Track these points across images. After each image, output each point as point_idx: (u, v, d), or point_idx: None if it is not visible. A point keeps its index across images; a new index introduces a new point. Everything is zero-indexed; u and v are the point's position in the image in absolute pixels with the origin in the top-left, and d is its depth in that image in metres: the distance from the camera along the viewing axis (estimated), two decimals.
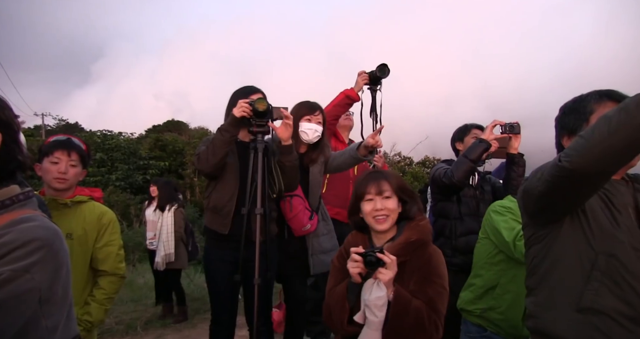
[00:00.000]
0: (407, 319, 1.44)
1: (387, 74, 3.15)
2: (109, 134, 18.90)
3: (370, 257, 1.47)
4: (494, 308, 2.06)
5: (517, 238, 1.97)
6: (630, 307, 1.19)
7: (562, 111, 1.46)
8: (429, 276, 1.52)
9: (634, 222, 1.27)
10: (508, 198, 2.23)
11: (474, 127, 2.83)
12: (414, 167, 10.02)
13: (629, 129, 1.00)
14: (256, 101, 2.16)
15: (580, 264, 1.26)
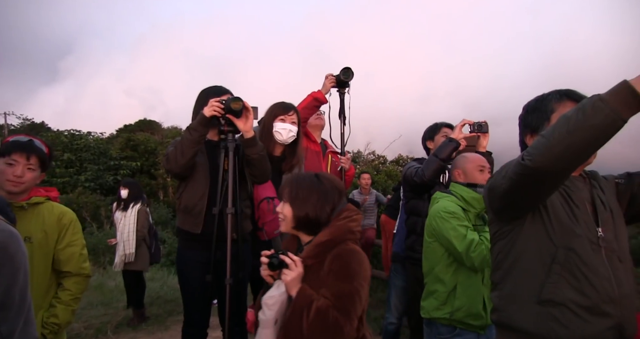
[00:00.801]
0: (307, 319, 1.42)
1: (351, 77, 3.21)
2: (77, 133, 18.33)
3: (272, 259, 1.52)
4: (459, 308, 2.11)
5: (470, 249, 2.02)
6: (586, 297, 1.24)
7: (525, 110, 1.51)
8: (339, 275, 1.50)
9: (590, 216, 1.33)
10: (440, 195, 2.29)
11: (444, 125, 2.90)
12: (388, 165, 10.13)
13: (586, 129, 1.04)
14: (232, 100, 2.13)
15: (541, 259, 1.30)
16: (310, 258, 1.53)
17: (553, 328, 1.25)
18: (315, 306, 1.43)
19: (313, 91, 3.16)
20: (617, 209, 1.39)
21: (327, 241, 1.54)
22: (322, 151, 3.38)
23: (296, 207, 1.58)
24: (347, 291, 1.48)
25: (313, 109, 3.13)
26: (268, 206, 2.49)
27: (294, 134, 2.54)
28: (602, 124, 1.03)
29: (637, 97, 1.00)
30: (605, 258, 1.29)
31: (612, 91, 1.03)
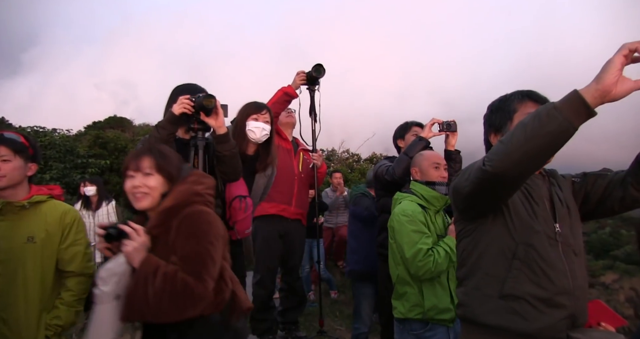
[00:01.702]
0: (152, 287, 1.36)
1: (322, 74, 3.24)
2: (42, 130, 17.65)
3: (110, 230, 1.44)
4: (431, 308, 2.15)
5: (418, 258, 2.06)
6: (544, 290, 1.29)
7: (489, 110, 1.55)
8: (186, 237, 1.45)
9: (548, 213, 1.38)
10: (401, 196, 2.33)
11: (414, 124, 2.95)
12: (362, 163, 10.22)
13: (541, 136, 1.09)
14: (204, 97, 2.10)
15: (503, 255, 1.35)
16: (155, 227, 1.48)
17: (514, 320, 1.30)
18: (161, 272, 1.38)
19: (283, 86, 3.17)
20: (574, 206, 1.45)
21: (172, 207, 1.50)
22: (294, 149, 3.40)
23: (165, 176, 1.54)
24: (196, 252, 1.44)
25: (284, 104, 3.14)
26: (240, 204, 2.47)
27: (267, 132, 2.53)
28: (556, 131, 1.07)
29: (587, 107, 1.05)
30: (562, 252, 1.34)
31: (564, 100, 1.08)
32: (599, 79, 1.04)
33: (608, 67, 1.04)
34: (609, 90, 1.03)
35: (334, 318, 4.57)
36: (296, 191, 3.25)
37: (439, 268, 2.07)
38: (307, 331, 3.71)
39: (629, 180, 1.36)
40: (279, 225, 3.18)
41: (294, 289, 3.38)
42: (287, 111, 3.35)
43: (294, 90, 3.17)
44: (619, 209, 1.42)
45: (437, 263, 2.06)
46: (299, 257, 3.40)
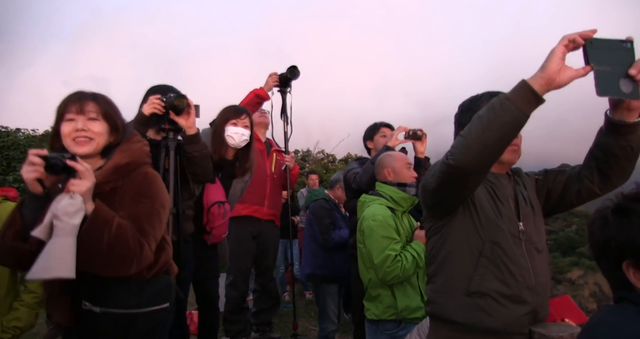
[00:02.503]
0: (108, 233, 1.32)
1: (297, 76, 3.26)
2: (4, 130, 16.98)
3: (54, 160, 1.26)
4: (403, 308, 2.18)
5: (386, 264, 2.09)
6: (508, 287, 1.34)
7: (460, 109, 1.59)
8: (137, 197, 1.43)
9: (513, 211, 1.43)
10: (370, 198, 2.36)
11: (382, 125, 2.98)
12: (337, 164, 10.26)
13: (497, 126, 1.14)
14: (176, 97, 2.07)
15: (470, 252, 1.38)
16: (107, 183, 1.42)
17: (480, 317, 1.34)
18: (116, 222, 1.34)
19: (255, 87, 3.17)
20: (537, 204, 1.50)
21: (128, 164, 1.46)
22: (267, 150, 3.39)
23: (110, 125, 1.47)
24: (148, 213, 1.42)
25: (255, 106, 3.14)
26: (219, 210, 2.46)
27: (246, 137, 2.52)
28: (510, 121, 1.13)
29: (535, 95, 1.11)
30: (525, 250, 1.39)
31: (514, 90, 1.13)
32: (544, 68, 1.10)
33: (551, 56, 1.10)
34: (553, 77, 1.09)
35: (309, 319, 4.58)
36: (269, 192, 3.25)
37: (406, 273, 2.10)
38: (281, 332, 3.70)
39: (584, 173, 1.41)
40: (251, 226, 3.17)
41: (267, 290, 3.37)
42: (260, 111, 3.35)
43: (266, 92, 3.18)
44: (577, 202, 1.48)
45: (404, 268, 2.09)
46: (272, 258, 3.39)
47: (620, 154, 1.29)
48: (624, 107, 1.19)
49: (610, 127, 1.25)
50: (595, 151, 1.36)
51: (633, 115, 1.20)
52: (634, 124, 1.21)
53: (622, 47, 1.12)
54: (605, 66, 1.09)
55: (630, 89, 1.10)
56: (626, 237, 0.90)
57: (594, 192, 1.41)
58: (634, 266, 0.89)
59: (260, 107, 3.24)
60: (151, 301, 1.53)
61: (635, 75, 1.08)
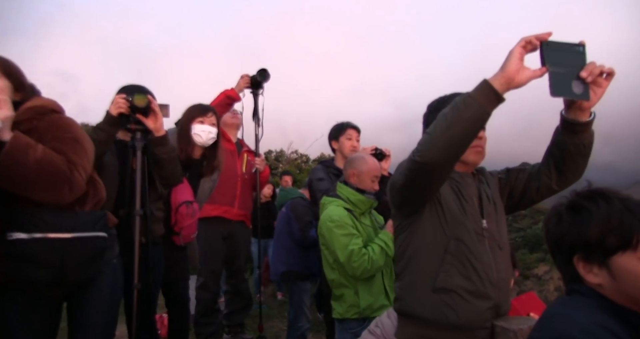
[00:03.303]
0: (31, 154, 1.35)
1: (267, 79, 3.25)
2: None
3: None
4: (366, 307, 2.20)
5: (352, 259, 2.11)
6: (472, 283, 1.38)
7: (428, 109, 1.62)
8: (57, 133, 1.48)
9: (477, 209, 1.47)
10: (327, 200, 2.37)
11: (349, 126, 2.96)
12: (311, 164, 10.28)
13: (460, 123, 1.18)
14: (135, 96, 2.04)
15: (436, 250, 1.42)
16: (24, 122, 1.46)
17: (445, 313, 1.37)
18: (41, 146, 1.38)
19: (225, 88, 3.15)
20: (500, 202, 1.55)
21: (43, 106, 1.52)
22: (238, 150, 3.37)
23: (13, 83, 1.50)
24: (71, 144, 1.48)
25: (225, 107, 3.12)
26: (187, 210, 2.42)
27: (213, 135, 2.50)
28: (472, 118, 1.17)
29: (496, 93, 1.15)
30: (488, 246, 1.43)
31: (477, 88, 1.17)
32: (503, 67, 1.15)
33: (510, 57, 1.15)
34: (512, 77, 1.14)
35: (282, 319, 4.57)
36: (239, 193, 3.22)
37: (375, 264, 2.12)
38: (253, 333, 3.68)
39: (542, 171, 1.47)
40: (222, 227, 3.14)
41: (239, 291, 3.35)
42: (232, 112, 3.33)
43: (237, 93, 3.16)
44: (537, 199, 1.53)
45: (372, 260, 2.11)
46: (243, 259, 3.37)
47: (574, 151, 1.34)
48: (576, 107, 1.25)
49: (564, 126, 1.31)
50: (552, 149, 1.41)
51: (585, 114, 1.26)
52: (586, 122, 1.27)
53: (575, 50, 1.17)
54: (560, 68, 1.14)
55: (581, 90, 1.16)
56: (577, 232, 0.94)
57: (552, 188, 1.47)
58: (583, 259, 0.94)
59: (230, 108, 3.22)
60: (86, 227, 1.54)
61: (586, 78, 1.14)
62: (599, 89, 1.18)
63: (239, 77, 3.25)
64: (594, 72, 1.14)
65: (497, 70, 1.17)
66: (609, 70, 1.16)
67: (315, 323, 4.21)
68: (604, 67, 1.15)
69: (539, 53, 1.16)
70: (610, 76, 1.18)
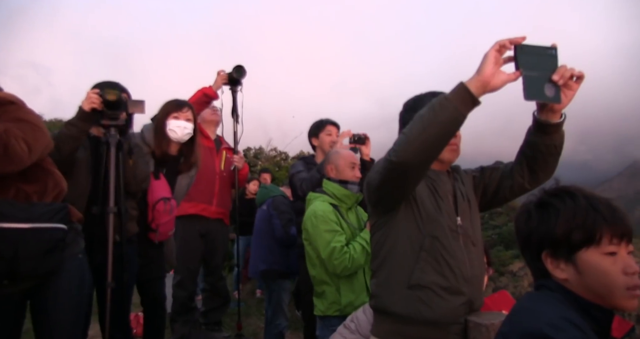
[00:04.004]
0: None
1: (243, 75, 3.23)
2: None
3: None
4: (347, 304, 2.21)
5: (333, 256, 2.13)
6: (446, 279, 1.40)
7: (404, 108, 1.64)
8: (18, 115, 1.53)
9: (451, 207, 1.50)
10: (313, 196, 2.39)
11: (328, 123, 2.98)
12: (289, 161, 10.26)
13: (436, 125, 1.19)
14: (106, 90, 2.00)
15: (411, 247, 1.44)
16: None
17: (419, 309, 1.39)
18: None
19: (204, 86, 3.11)
20: (474, 200, 1.58)
21: None
22: (217, 147, 3.34)
23: None
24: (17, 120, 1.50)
25: (203, 105, 3.09)
26: (165, 206, 2.39)
27: (189, 131, 2.47)
28: (448, 120, 1.19)
29: (472, 96, 1.17)
30: (462, 243, 1.46)
31: (453, 91, 1.19)
32: (479, 71, 1.17)
33: (485, 61, 1.17)
34: (488, 81, 1.16)
35: (260, 317, 4.56)
36: (217, 190, 3.20)
37: (355, 263, 2.13)
38: (231, 331, 3.67)
39: (515, 170, 1.50)
40: (199, 225, 3.11)
41: (217, 289, 3.32)
42: (211, 108, 3.29)
43: (214, 91, 3.12)
44: (510, 197, 1.56)
45: (353, 258, 2.12)
46: (221, 257, 3.35)
47: (545, 151, 1.38)
48: (548, 108, 1.28)
49: (537, 126, 1.34)
50: (524, 148, 1.44)
51: (556, 116, 1.30)
52: (557, 124, 1.31)
53: (548, 53, 1.20)
54: (533, 71, 1.17)
55: (553, 93, 1.18)
56: (545, 229, 0.97)
57: (524, 187, 1.50)
58: (551, 255, 0.97)
59: (207, 106, 3.19)
60: (44, 218, 1.52)
61: (558, 81, 1.17)
62: (570, 91, 1.21)
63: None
64: (565, 75, 1.16)
65: (473, 73, 1.18)
66: (578, 74, 1.19)
67: (294, 320, 4.21)
68: (574, 70, 1.18)
69: (513, 56, 1.18)
70: (580, 79, 1.21)
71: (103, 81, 2.22)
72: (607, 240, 0.92)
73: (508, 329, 0.94)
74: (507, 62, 1.18)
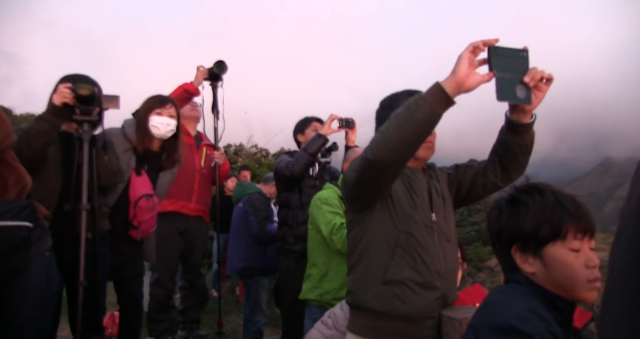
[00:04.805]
0: None
1: (224, 71, 3.20)
2: None
3: None
4: (328, 291, 2.25)
5: (332, 232, 2.17)
6: (420, 275, 1.42)
7: (380, 106, 1.65)
8: None
9: (427, 203, 1.52)
10: (326, 186, 2.44)
11: (314, 120, 3.01)
12: (270, 158, 10.21)
13: (413, 124, 1.21)
14: (78, 85, 1.95)
15: (387, 243, 1.45)
16: None
17: (394, 304, 1.41)
18: None
19: (184, 82, 3.07)
20: (448, 196, 1.61)
21: None
22: (197, 144, 3.30)
23: None
24: None
25: (184, 101, 3.05)
26: (147, 203, 2.36)
27: (172, 128, 2.43)
28: (424, 119, 1.20)
29: (447, 96, 1.19)
30: (437, 239, 1.48)
31: (429, 91, 1.21)
32: (454, 72, 1.19)
33: (459, 62, 1.19)
34: (462, 81, 1.18)
35: (240, 314, 4.54)
36: (197, 187, 3.16)
37: None
38: (210, 329, 3.64)
39: (488, 168, 1.53)
40: (178, 222, 3.07)
41: (195, 287, 3.29)
42: (192, 104, 3.25)
43: (195, 87, 3.08)
44: (483, 194, 1.60)
45: None
46: (200, 254, 3.31)
47: (517, 150, 1.41)
48: (520, 109, 1.32)
49: (509, 126, 1.37)
50: (497, 147, 1.47)
51: (527, 116, 1.33)
52: (528, 124, 1.34)
53: (520, 55, 1.23)
54: (505, 73, 1.19)
55: (524, 95, 1.22)
56: (515, 224, 1.00)
57: (497, 185, 1.53)
58: (520, 250, 1.00)
59: (188, 102, 3.15)
60: (7, 216, 1.49)
61: (529, 83, 1.20)
62: (540, 93, 1.25)
63: None
64: (535, 77, 1.20)
65: (449, 74, 1.20)
66: (548, 76, 1.23)
67: (274, 317, 4.21)
68: (544, 72, 1.22)
69: (487, 58, 1.20)
70: (550, 82, 1.24)
71: (72, 74, 2.16)
72: (572, 235, 0.96)
73: (478, 322, 0.96)
74: (482, 64, 1.20)
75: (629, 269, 0.43)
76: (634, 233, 0.43)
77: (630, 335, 0.41)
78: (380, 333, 1.43)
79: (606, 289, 0.46)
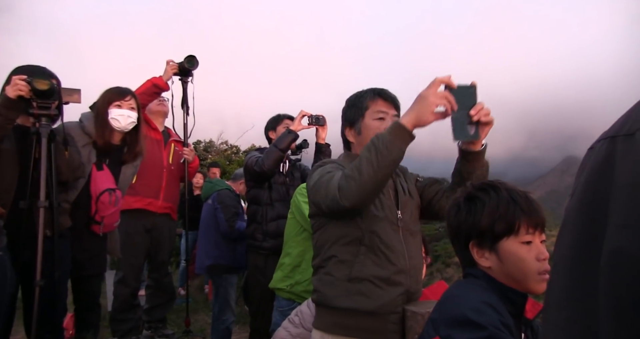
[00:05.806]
0: None
1: (195, 66, 3.15)
2: None
3: None
4: (299, 282, 2.25)
5: None
6: (385, 271, 1.44)
7: (346, 104, 1.66)
8: None
9: (392, 201, 1.54)
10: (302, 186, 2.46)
11: (285, 117, 3.00)
12: (241, 155, 10.12)
13: (387, 165, 1.30)
14: (35, 78, 1.88)
15: (351, 243, 1.47)
16: None
17: (359, 300, 1.43)
18: None
19: (153, 76, 2.99)
20: (416, 195, 1.64)
21: None
22: (165, 140, 3.23)
23: None
24: None
25: (152, 96, 2.98)
26: (110, 198, 2.30)
27: (133, 120, 2.37)
28: (396, 158, 1.31)
29: (408, 132, 1.29)
30: (401, 236, 1.50)
31: (394, 133, 1.30)
32: (419, 113, 1.29)
33: (425, 106, 1.28)
34: (424, 123, 1.30)
35: (208, 313, 4.49)
36: (164, 184, 3.09)
37: None
38: (177, 328, 3.58)
39: (447, 193, 1.58)
40: (144, 219, 3.00)
41: (162, 285, 3.23)
42: (159, 99, 3.17)
43: (165, 82, 3.01)
44: (441, 215, 1.62)
45: None
46: (167, 252, 3.25)
47: (468, 178, 1.46)
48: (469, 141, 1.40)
49: (462, 155, 1.46)
50: (454, 173, 1.53)
51: (477, 145, 1.42)
52: (479, 152, 1.43)
53: (469, 92, 1.32)
54: (458, 111, 1.29)
55: (473, 131, 1.33)
56: (472, 220, 1.03)
57: None
58: (477, 245, 1.03)
59: (157, 97, 3.08)
60: None
61: (473, 116, 1.30)
62: (486, 127, 1.35)
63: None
64: (480, 113, 1.30)
65: (409, 112, 1.31)
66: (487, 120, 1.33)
67: (243, 315, 4.19)
68: (486, 111, 1.32)
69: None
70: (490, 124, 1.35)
71: (26, 65, 2.08)
72: (524, 230, 1.00)
73: (437, 315, 0.99)
74: None
75: (568, 262, 0.45)
76: (575, 227, 0.45)
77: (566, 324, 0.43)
78: (346, 329, 1.45)
79: (549, 281, 0.48)
